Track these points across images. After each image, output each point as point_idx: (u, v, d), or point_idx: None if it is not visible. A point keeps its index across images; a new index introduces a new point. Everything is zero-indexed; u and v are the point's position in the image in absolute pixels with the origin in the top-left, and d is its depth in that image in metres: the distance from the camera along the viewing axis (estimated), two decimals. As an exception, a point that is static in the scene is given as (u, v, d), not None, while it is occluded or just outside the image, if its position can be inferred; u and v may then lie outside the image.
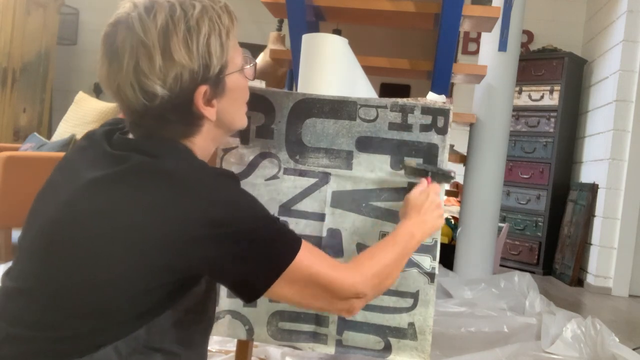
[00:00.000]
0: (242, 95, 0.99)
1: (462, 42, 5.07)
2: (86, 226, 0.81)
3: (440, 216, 1.19)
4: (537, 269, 4.40)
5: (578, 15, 4.93)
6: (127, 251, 0.80)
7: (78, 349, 0.81)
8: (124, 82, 0.85)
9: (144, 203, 0.80)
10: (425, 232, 1.14)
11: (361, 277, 0.96)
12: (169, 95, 0.85)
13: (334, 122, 1.30)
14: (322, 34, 1.38)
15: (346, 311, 0.97)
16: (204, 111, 0.89)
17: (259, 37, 5.30)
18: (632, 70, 3.90)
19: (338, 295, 0.93)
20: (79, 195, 0.84)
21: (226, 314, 1.34)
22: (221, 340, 1.99)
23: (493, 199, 3.25)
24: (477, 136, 3.26)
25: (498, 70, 3.23)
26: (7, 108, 4.80)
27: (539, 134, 4.49)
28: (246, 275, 0.86)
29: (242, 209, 0.85)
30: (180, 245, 0.80)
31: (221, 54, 0.89)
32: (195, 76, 0.86)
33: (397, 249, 1.06)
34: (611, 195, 3.91)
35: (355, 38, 1.78)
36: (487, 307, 2.59)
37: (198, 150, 0.93)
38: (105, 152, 0.88)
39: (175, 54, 0.84)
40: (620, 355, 2.05)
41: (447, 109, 1.31)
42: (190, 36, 0.85)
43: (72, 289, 0.81)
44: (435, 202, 1.18)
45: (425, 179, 1.23)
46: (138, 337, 0.84)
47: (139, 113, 0.87)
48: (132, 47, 0.84)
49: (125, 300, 0.82)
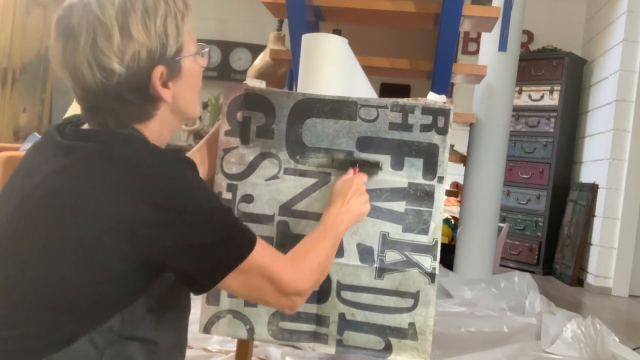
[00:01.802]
0: (196, 81, 0.99)
1: (462, 42, 5.07)
2: (40, 217, 0.82)
3: (366, 202, 1.21)
4: (537, 269, 4.40)
5: (578, 15, 4.93)
6: (82, 239, 0.80)
7: (50, 344, 0.81)
8: (81, 61, 0.84)
9: (96, 190, 0.80)
10: (351, 219, 1.17)
11: (302, 274, 0.98)
12: (126, 73, 0.85)
13: (334, 122, 1.30)
14: (322, 34, 1.38)
15: (288, 307, 0.98)
16: (161, 92, 0.90)
17: (259, 37, 5.30)
18: (632, 70, 3.90)
19: (284, 290, 0.95)
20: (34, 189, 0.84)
21: (227, 314, 1.34)
22: (221, 340, 1.99)
23: (493, 199, 3.25)
24: (477, 136, 3.26)
25: (498, 70, 3.23)
26: (7, 108, 4.81)
27: (539, 134, 4.49)
28: (199, 267, 0.85)
29: (196, 196, 0.85)
30: (133, 231, 0.80)
31: (177, 36, 0.90)
32: (153, 55, 0.87)
33: (329, 241, 1.09)
34: (611, 195, 3.91)
35: (355, 38, 1.78)
36: (487, 307, 2.59)
37: (152, 135, 0.93)
38: (57, 144, 0.88)
39: (133, 32, 0.84)
40: (620, 355, 2.05)
41: (448, 109, 1.31)
42: (148, 15, 0.86)
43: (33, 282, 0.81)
44: (359, 189, 1.20)
45: (351, 169, 1.26)
46: (112, 328, 0.84)
47: (96, 93, 0.87)
48: (89, 25, 0.84)
49: (88, 290, 0.82)
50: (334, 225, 1.12)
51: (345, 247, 1.31)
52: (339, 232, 1.13)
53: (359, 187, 1.21)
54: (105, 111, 0.89)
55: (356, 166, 1.27)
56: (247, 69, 4.64)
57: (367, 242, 1.31)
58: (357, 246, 1.31)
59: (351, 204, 1.17)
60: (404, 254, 1.30)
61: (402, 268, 1.30)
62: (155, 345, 0.90)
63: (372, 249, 1.30)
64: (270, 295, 0.94)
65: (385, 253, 1.30)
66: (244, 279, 0.90)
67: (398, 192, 1.31)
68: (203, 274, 0.87)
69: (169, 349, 0.93)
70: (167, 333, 0.92)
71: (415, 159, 1.30)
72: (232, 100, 1.36)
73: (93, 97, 0.88)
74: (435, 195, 1.30)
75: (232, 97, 1.36)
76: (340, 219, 1.14)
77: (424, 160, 1.30)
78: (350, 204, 1.17)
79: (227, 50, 5.55)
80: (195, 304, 2.61)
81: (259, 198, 1.33)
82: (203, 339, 1.99)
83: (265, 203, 1.33)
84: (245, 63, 5.48)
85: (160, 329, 0.91)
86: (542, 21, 4.93)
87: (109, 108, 0.88)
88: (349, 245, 1.31)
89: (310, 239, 1.08)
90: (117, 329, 0.85)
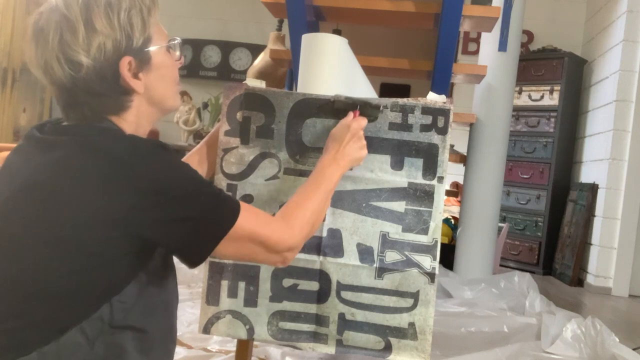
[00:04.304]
0: (170, 74, 1.01)
1: (462, 42, 5.07)
2: (27, 211, 0.84)
3: (362, 147, 1.22)
4: (537, 269, 4.40)
5: (578, 15, 4.93)
6: (70, 230, 0.81)
7: (42, 336, 0.82)
8: (50, 57, 0.88)
9: (79, 181, 0.83)
10: (347, 164, 1.19)
11: (293, 231, 1.01)
12: (93, 65, 0.88)
13: (334, 122, 1.30)
14: (322, 34, 1.38)
15: (281, 262, 1.02)
16: (131, 83, 0.92)
17: (259, 37, 5.30)
18: (632, 70, 3.90)
19: (274, 249, 0.98)
20: (17, 186, 0.86)
21: (226, 314, 1.34)
22: (221, 340, 1.99)
23: (493, 199, 3.25)
24: (477, 136, 3.26)
25: (498, 70, 3.23)
26: (7, 108, 4.81)
27: (539, 134, 4.49)
28: (190, 239, 0.89)
29: (177, 175, 0.88)
30: (121, 216, 0.82)
31: (143, 28, 0.93)
32: (119, 45, 0.90)
33: (321, 191, 1.11)
34: (611, 195, 3.91)
35: (355, 38, 1.78)
36: (487, 307, 2.59)
37: (130, 127, 0.95)
38: (37, 141, 0.90)
39: (97, 24, 0.88)
40: (620, 355, 2.05)
41: (448, 109, 1.31)
42: (111, 9, 0.90)
43: (22, 276, 0.83)
44: (357, 134, 1.21)
45: (352, 112, 1.25)
46: (102, 317, 0.86)
47: (68, 88, 0.90)
48: (57, 23, 0.88)
49: (78, 280, 0.83)
50: (328, 172, 1.14)
51: (345, 247, 1.31)
52: (332, 179, 1.14)
53: (357, 131, 1.21)
54: (80, 105, 0.91)
55: (357, 109, 1.26)
56: (247, 69, 4.64)
57: (367, 242, 1.31)
58: (357, 246, 1.31)
59: (347, 148, 1.18)
60: (403, 254, 1.30)
61: (402, 268, 1.30)
62: (146, 333, 0.91)
63: (372, 249, 1.31)
64: (262, 255, 0.98)
65: (385, 253, 1.30)
66: (235, 246, 0.93)
67: (398, 192, 1.31)
68: (194, 247, 0.90)
69: (159, 337, 0.94)
70: (156, 321, 0.94)
71: (415, 159, 1.30)
72: (232, 100, 1.36)
73: (66, 93, 0.91)
74: (435, 195, 1.30)
75: (232, 97, 1.36)
76: (336, 164, 1.16)
77: (424, 160, 1.30)
78: (347, 149, 1.18)
79: (227, 50, 5.55)
80: (195, 304, 2.61)
81: (259, 198, 1.33)
82: (203, 339, 1.99)
83: (265, 203, 1.33)
84: (245, 63, 5.47)
85: (149, 316, 0.92)
86: (542, 21, 4.93)
87: (83, 102, 0.91)
88: (349, 245, 1.31)
89: (302, 191, 1.10)
90: (108, 318, 0.86)
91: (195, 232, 0.89)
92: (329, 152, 1.18)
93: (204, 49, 5.55)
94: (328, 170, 1.15)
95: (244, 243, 0.94)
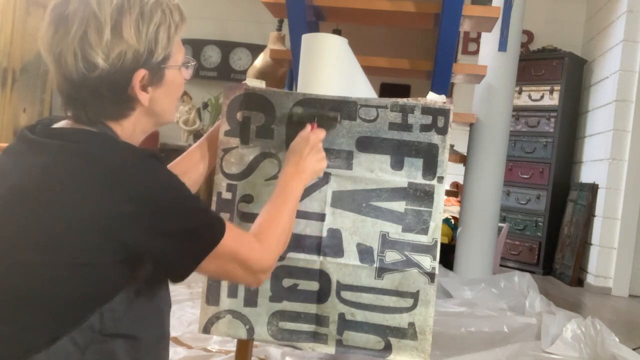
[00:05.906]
0: (177, 91, 1.02)
1: (462, 42, 5.07)
2: (16, 217, 0.82)
3: (322, 159, 1.23)
4: (537, 269, 4.40)
5: (578, 15, 4.93)
6: (57, 237, 0.81)
7: (32, 345, 0.81)
8: (67, 49, 0.87)
9: (69, 187, 0.82)
10: (308, 177, 1.20)
11: (267, 251, 1.02)
12: (108, 69, 0.87)
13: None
14: (322, 34, 1.38)
15: (255, 283, 1.03)
16: (138, 94, 0.92)
17: (259, 37, 5.30)
18: (632, 70, 3.90)
19: (251, 269, 0.98)
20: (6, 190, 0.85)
21: (226, 314, 1.34)
22: (221, 340, 1.99)
23: (493, 199, 3.25)
24: (477, 136, 3.26)
25: (498, 70, 3.23)
26: (7, 108, 4.81)
27: (539, 134, 4.48)
28: (175, 253, 0.88)
29: (167, 187, 0.87)
30: (109, 224, 0.81)
31: (167, 45, 0.93)
32: (139, 58, 0.89)
33: (287, 207, 1.12)
34: (611, 195, 3.91)
35: (355, 38, 1.78)
36: (487, 307, 2.59)
37: (125, 134, 0.94)
38: (27, 142, 0.89)
39: (124, 32, 0.87)
40: (620, 355, 2.05)
41: (447, 109, 1.31)
42: (142, 19, 0.89)
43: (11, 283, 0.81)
44: (316, 146, 1.22)
45: (309, 124, 1.25)
46: (92, 326, 0.85)
47: (75, 84, 0.89)
48: (84, 17, 0.86)
49: (67, 288, 0.82)
50: (291, 187, 1.15)
51: (345, 247, 1.31)
52: (296, 193, 1.16)
53: (316, 144, 1.22)
54: (82, 103, 0.90)
55: (314, 121, 1.26)
56: (247, 69, 4.64)
57: (366, 242, 1.31)
58: (356, 246, 1.31)
59: (307, 161, 1.19)
60: (403, 253, 1.30)
61: (402, 268, 1.30)
62: (138, 340, 0.90)
63: (371, 249, 1.31)
64: (240, 275, 0.98)
65: (385, 253, 1.30)
66: (216, 264, 0.93)
67: (398, 192, 1.31)
68: (179, 261, 0.89)
69: (152, 344, 0.94)
70: (149, 328, 0.93)
71: (415, 158, 1.31)
72: (232, 100, 1.36)
73: (71, 86, 0.90)
74: (435, 195, 1.30)
75: (232, 97, 1.36)
76: (298, 178, 1.17)
77: (424, 160, 1.30)
78: (307, 162, 1.19)
79: (227, 50, 5.55)
80: (195, 304, 2.61)
81: (259, 198, 1.34)
82: (203, 339, 1.99)
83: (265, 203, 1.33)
84: (245, 63, 5.47)
85: (141, 324, 0.91)
86: (542, 21, 4.93)
87: (86, 100, 0.90)
88: (348, 245, 1.31)
89: (270, 208, 1.11)
90: (98, 327, 0.85)
91: (180, 247, 0.87)
92: (289, 165, 1.19)
93: (204, 49, 5.55)
94: (291, 184, 1.16)
95: (226, 262, 0.94)
